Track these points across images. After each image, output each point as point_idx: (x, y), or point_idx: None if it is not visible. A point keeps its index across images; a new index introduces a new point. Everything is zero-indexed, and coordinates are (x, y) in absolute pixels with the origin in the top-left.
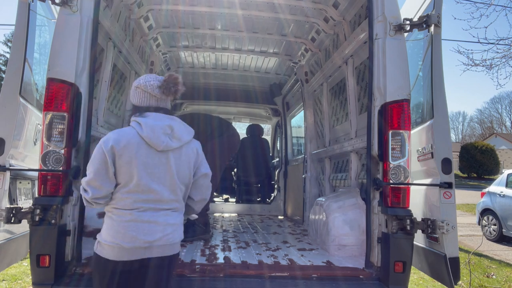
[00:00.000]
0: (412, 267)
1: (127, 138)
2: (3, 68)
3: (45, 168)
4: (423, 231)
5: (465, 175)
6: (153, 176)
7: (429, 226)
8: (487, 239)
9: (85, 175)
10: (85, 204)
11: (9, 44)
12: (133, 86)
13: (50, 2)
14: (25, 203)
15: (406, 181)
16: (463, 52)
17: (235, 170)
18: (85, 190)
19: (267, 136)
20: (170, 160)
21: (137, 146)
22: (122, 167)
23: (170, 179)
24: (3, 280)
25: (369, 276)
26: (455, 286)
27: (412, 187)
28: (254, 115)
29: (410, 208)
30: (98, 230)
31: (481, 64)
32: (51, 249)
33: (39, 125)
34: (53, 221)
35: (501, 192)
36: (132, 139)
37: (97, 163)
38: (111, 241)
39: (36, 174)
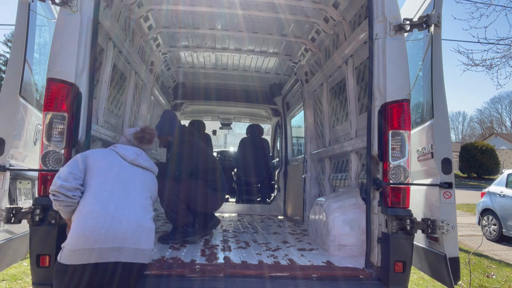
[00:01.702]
0: (412, 267)
1: (101, 149)
2: (3, 68)
3: (45, 168)
4: (423, 231)
5: (465, 175)
6: (121, 180)
7: (429, 226)
8: (487, 239)
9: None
10: (55, 196)
11: (9, 44)
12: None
13: (50, 2)
14: (25, 203)
15: (406, 181)
16: (463, 52)
17: (235, 170)
18: (57, 180)
19: (267, 136)
20: (138, 173)
21: (108, 153)
22: (93, 166)
23: (135, 189)
24: (3, 280)
25: (369, 276)
26: (455, 286)
27: (412, 187)
28: (254, 115)
29: (410, 208)
30: None
31: (481, 64)
32: (51, 249)
33: (39, 125)
34: (53, 221)
35: (501, 192)
36: (105, 149)
37: (70, 163)
38: (74, 245)
39: (36, 174)
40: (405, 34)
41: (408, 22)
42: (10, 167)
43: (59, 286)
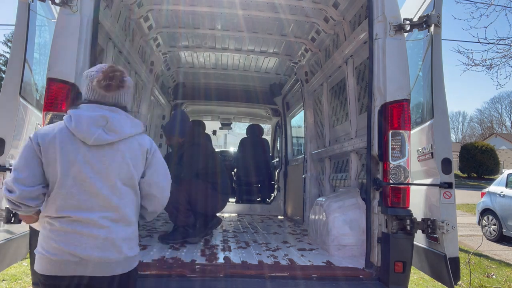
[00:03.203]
0: (412, 267)
1: (54, 132)
2: (3, 68)
3: None
4: (423, 231)
5: (465, 175)
6: (86, 176)
7: (429, 226)
8: (487, 239)
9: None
10: (11, 208)
11: (9, 44)
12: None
13: (50, 2)
14: None
15: (406, 181)
16: (463, 52)
17: (235, 170)
18: (9, 191)
19: (267, 136)
20: (108, 157)
21: (63, 141)
22: (49, 165)
23: (109, 180)
24: (3, 280)
25: (369, 276)
26: (455, 286)
27: (412, 187)
28: (254, 115)
29: (410, 208)
30: None
31: (481, 64)
32: None
33: (39, 125)
34: None
35: (501, 192)
36: (58, 133)
37: (24, 156)
38: (40, 252)
39: None
40: (405, 34)
41: (408, 22)
42: (10, 167)
43: None
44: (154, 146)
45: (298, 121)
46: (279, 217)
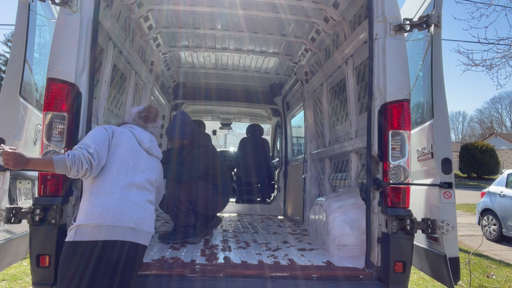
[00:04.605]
0: (412, 267)
1: (124, 130)
2: (3, 68)
3: None
4: (423, 231)
5: (465, 175)
6: (137, 165)
7: (429, 226)
8: (487, 239)
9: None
10: (73, 173)
11: (9, 44)
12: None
13: (50, 2)
14: (25, 203)
15: (406, 181)
16: (463, 52)
17: (235, 170)
18: (88, 159)
19: (267, 136)
20: (150, 159)
21: (130, 136)
22: (115, 147)
23: (150, 173)
24: (3, 280)
25: (369, 276)
26: (455, 286)
27: (412, 187)
28: (254, 115)
29: (410, 208)
30: None
31: (481, 64)
32: (51, 249)
33: (39, 125)
34: (53, 221)
35: (501, 192)
36: (127, 131)
37: (100, 134)
38: (95, 220)
39: (36, 174)
40: (405, 34)
41: (408, 22)
42: None
43: (67, 265)
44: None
45: (298, 121)
46: (279, 217)
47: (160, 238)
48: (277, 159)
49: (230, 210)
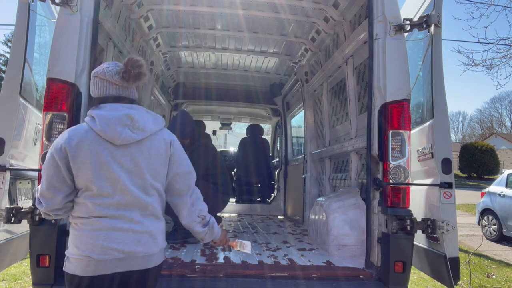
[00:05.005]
0: (412, 267)
1: (79, 136)
2: (3, 68)
3: None
4: (423, 231)
5: (465, 175)
6: (117, 176)
7: (429, 226)
8: (487, 239)
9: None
10: (43, 217)
11: (9, 44)
12: (91, 76)
13: (50, 2)
14: (25, 203)
15: (406, 181)
16: (463, 52)
17: (235, 170)
18: (39, 202)
19: (267, 136)
20: (136, 155)
21: (90, 143)
22: (79, 169)
23: (139, 178)
24: (3, 280)
25: (369, 276)
26: (455, 286)
27: (412, 187)
28: (254, 115)
29: (410, 208)
30: None
31: (481, 64)
32: (51, 249)
33: (39, 125)
34: (53, 221)
35: (501, 192)
36: (85, 136)
37: (47, 170)
38: (79, 254)
39: (36, 174)
40: (405, 34)
41: (408, 22)
42: (10, 167)
43: None
44: (172, 137)
45: (298, 121)
46: (279, 217)
47: None
48: (277, 159)
49: (230, 210)
